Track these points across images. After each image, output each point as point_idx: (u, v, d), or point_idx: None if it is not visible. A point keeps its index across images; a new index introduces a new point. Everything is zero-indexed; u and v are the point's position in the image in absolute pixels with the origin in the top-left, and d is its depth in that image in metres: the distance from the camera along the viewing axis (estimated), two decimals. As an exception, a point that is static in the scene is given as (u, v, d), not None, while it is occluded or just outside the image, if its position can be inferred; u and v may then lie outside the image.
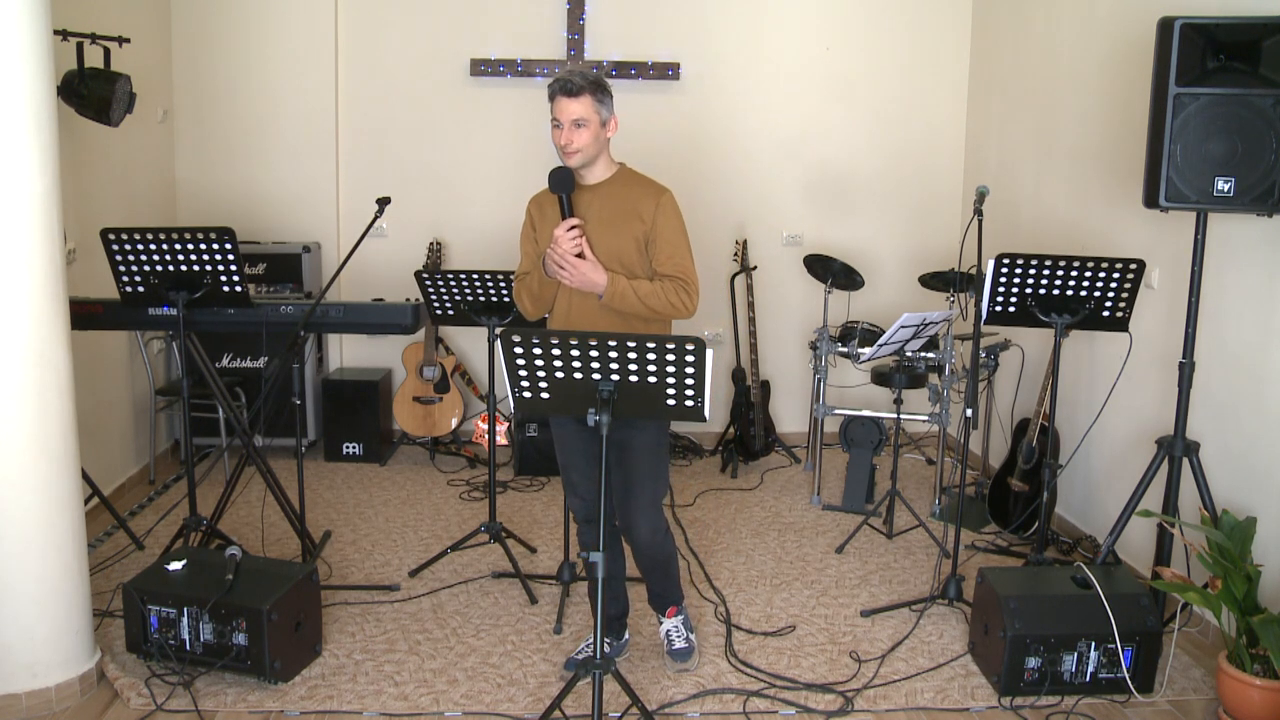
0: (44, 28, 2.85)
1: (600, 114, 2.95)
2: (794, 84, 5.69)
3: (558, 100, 2.92)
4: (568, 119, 2.91)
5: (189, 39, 5.43)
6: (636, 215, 2.98)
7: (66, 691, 3.02)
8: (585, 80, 2.92)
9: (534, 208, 3.16)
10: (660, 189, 3.03)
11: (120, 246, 3.49)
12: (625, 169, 3.09)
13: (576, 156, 2.95)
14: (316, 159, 5.58)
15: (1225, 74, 3.09)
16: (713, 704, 3.10)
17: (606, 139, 3.00)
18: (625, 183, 3.05)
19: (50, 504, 2.96)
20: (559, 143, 2.94)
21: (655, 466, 3.05)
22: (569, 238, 2.93)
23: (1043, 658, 3.09)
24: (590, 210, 3.01)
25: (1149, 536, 3.70)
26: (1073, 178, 4.57)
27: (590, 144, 2.94)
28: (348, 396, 5.40)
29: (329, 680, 3.18)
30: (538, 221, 3.13)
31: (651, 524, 3.06)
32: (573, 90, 2.90)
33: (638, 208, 2.99)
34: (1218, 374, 3.58)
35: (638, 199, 3.00)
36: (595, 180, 3.04)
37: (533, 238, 3.15)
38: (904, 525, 4.54)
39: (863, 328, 4.93)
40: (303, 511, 3.89)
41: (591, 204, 3.01)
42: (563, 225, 2.95)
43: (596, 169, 3.02)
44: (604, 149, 3.01)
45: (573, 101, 2.90)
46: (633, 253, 2.99)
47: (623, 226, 2.99)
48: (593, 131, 2.93)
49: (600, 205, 3.01)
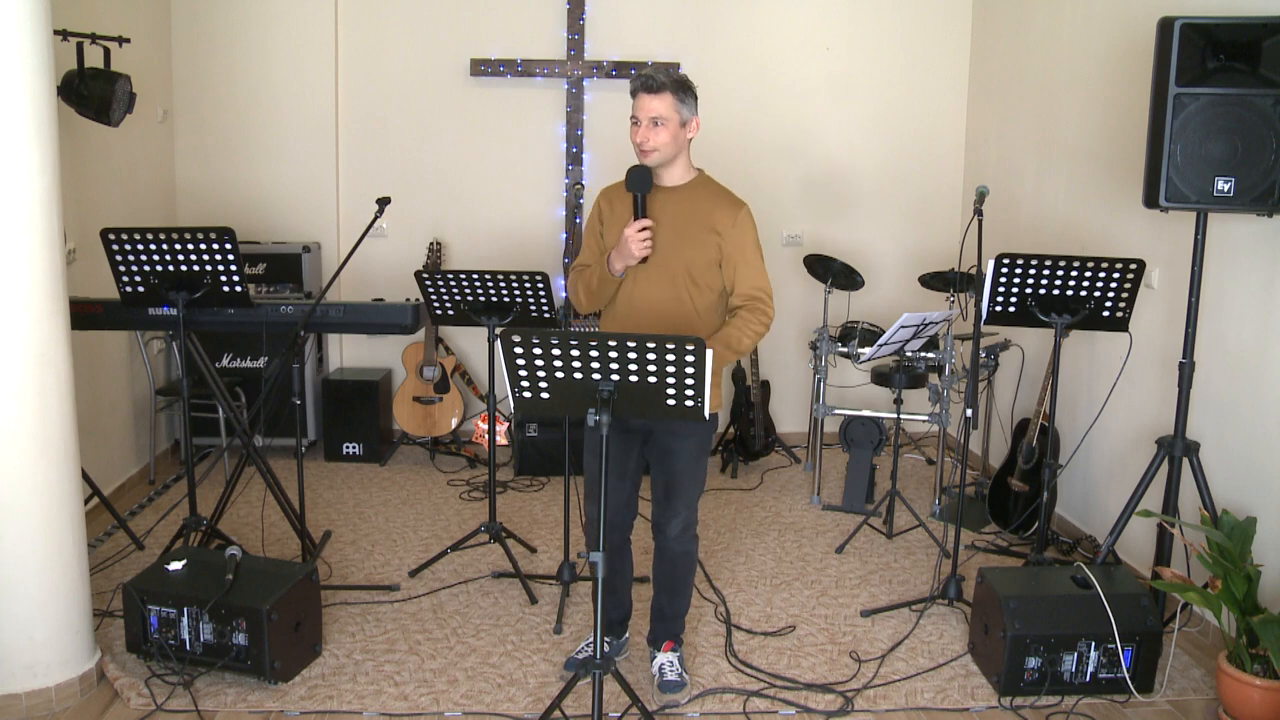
0: (44, 28, 2.85)
1: (681, 113, 2.89)
2: (794, 84, 5.69)
3: (639, 97, 2.87)
4: (646, 116, 2.86)
5: (189, 39, 5.43)
6: (712, 228, 2.92)
7: (66, 691, 3.01)
8: (668, 78, 2.87)
9: (604, 201, 3.10)
10: (738, 202, 2.97)
11: (120, 246, 3.49)
12: (704, 175, 3.04)
13: (654, 155, 2.90)
14: (316, 159, 5.58)
15: (1225, 74, 3.09)
16: (713, 704, 3.10)
17: (687, 140, 2.95)
18: (703, 190, 2.99)
19: (50, 504, 2.96)
20: (636, 140, 2.89)
21: (695, 472, 3.06)
22: (639, 240, 2.88)
23: (1043, 658, 3.09)
24: (664, 214, 2.95)
25: (1149, 536, 3.70)
26: (1073, 178, 4.57)
27: (669, 143, 2.89)
28: (348, 396, 5.40)
29: (329, 680, 3.18)
30: (606, 216, 3.07)
31: (685, 521, 3.07)
32: (654, 87, 2.85)
33: (713, 219, 2.93)
34: (1218, 374, 3.58)
35: (713, 210, 2.94)
36: (672, 183, 2.98)
37: (598, 231, 3.09)
38: (904, 525, 4.54)
39: (863, 328, 4.93)
40: (303, 511, 3.89)
41: (666, 207, 2.96)
42: (634, 225, 2.89)
43: (674, 171, 2.97)
44: (683, 150, 2.96)
45: (654, 98, 2.85)
46: (702, 265, 2.94)
47: (696, 237, 2.93)
48: (671, 131, 2.88)
49: (675, 210, 2.95)
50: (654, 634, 3.26)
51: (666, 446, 3.01)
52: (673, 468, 3.02)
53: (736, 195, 3.01)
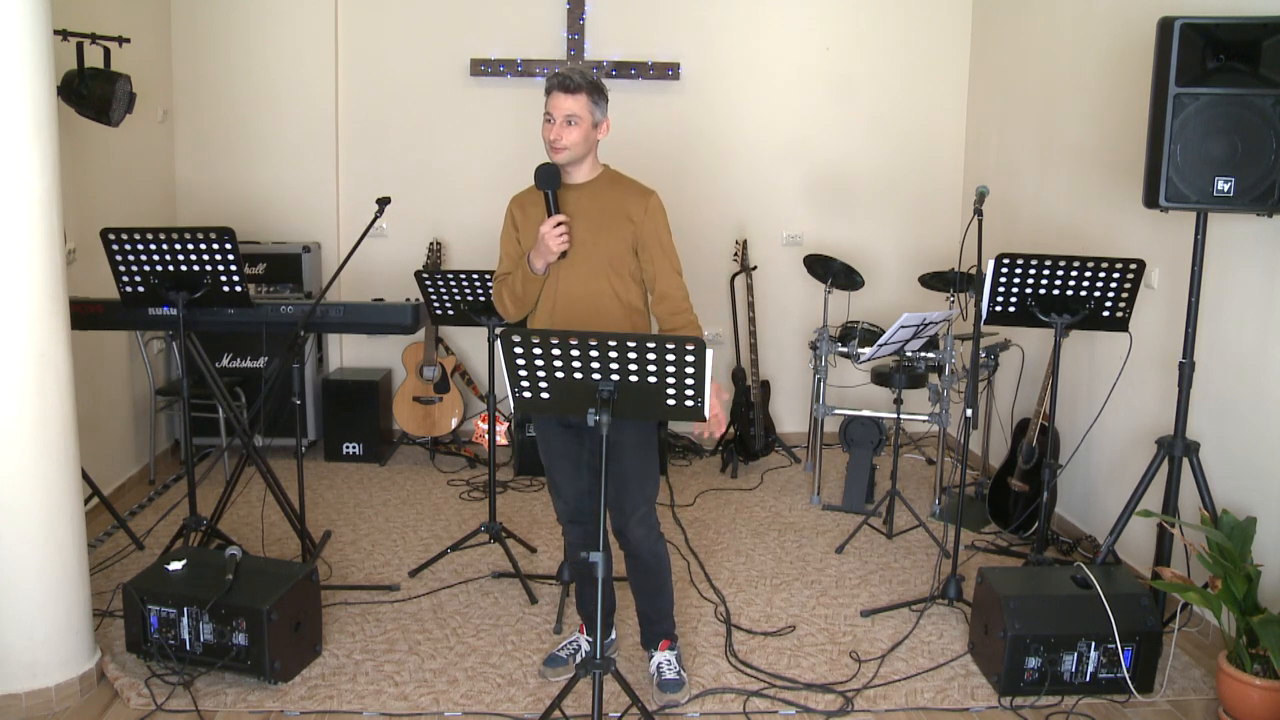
0: (44, 28, 2.85)
1: (594, 115, 2.94)
2: (794, 84, 5.69)
3: (553, 95, 2.92)
4: (561, 114, 2.91)
5: (189, 39, 5.43)
6: (626, 216, 2.98)
7: (66, 691, 3.01)
8: (584, 79, 2.92)
9: (515, 207, 3.13)
10: (647, 191, 3.03)
11: (120, 246, 3.49)
12: (610, 170, 3.08)
13: (564, 154, 2.94)
14: (316, 159, 5.58)
15: (1225, 74, 3.09)
16: (713, 704, 3.10)
17: (596, 140, 3.00)
18: (611, 183, 3.04)
19: (50, 504, 2.96)
20: (548, 138, 2.94)
21: (644, 465, 3.03)
22: (556, 234, 2.91)
23: (1043, 658, 3.09)
24: (577, 209, 3.00)
25: (1149, 536, 3.70)
26: (1073, 178, 4.57)
27: (580, 143, 2.93)
28: (348, 396, 5.40)
29: (329, 680, 3.18)
30: (520, 221, 3.10)
31: (645, 524, 3.04)
32: (570, 87, 2.90)
33: (626, 208, 2.98)
34: (1218, 374, 3.58)
35: (625, 199, 3.00)
36: (580, 180, 3.03)
37: (514, 238, 3.11)
38: (904, 525, 4.54)
39: (863, 328, 4.93)
40: (303, 511, 3.89)
41: (578, 203, 3.00)
42: (549, 222, 2.92)
43: (582, 169, 3.01)
44: (592, 150, 3.01)
45: (568, 98, 2.90)
46: (624, 254, 3.00)
47: (612, 227, 2.98)
48: (583, 131, 2.93)
49: (587, 204, 3.00)
50: (645, 637, 3.26)
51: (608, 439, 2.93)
52: (618, 461, 2.96)
53: (644, 184, 3.05)
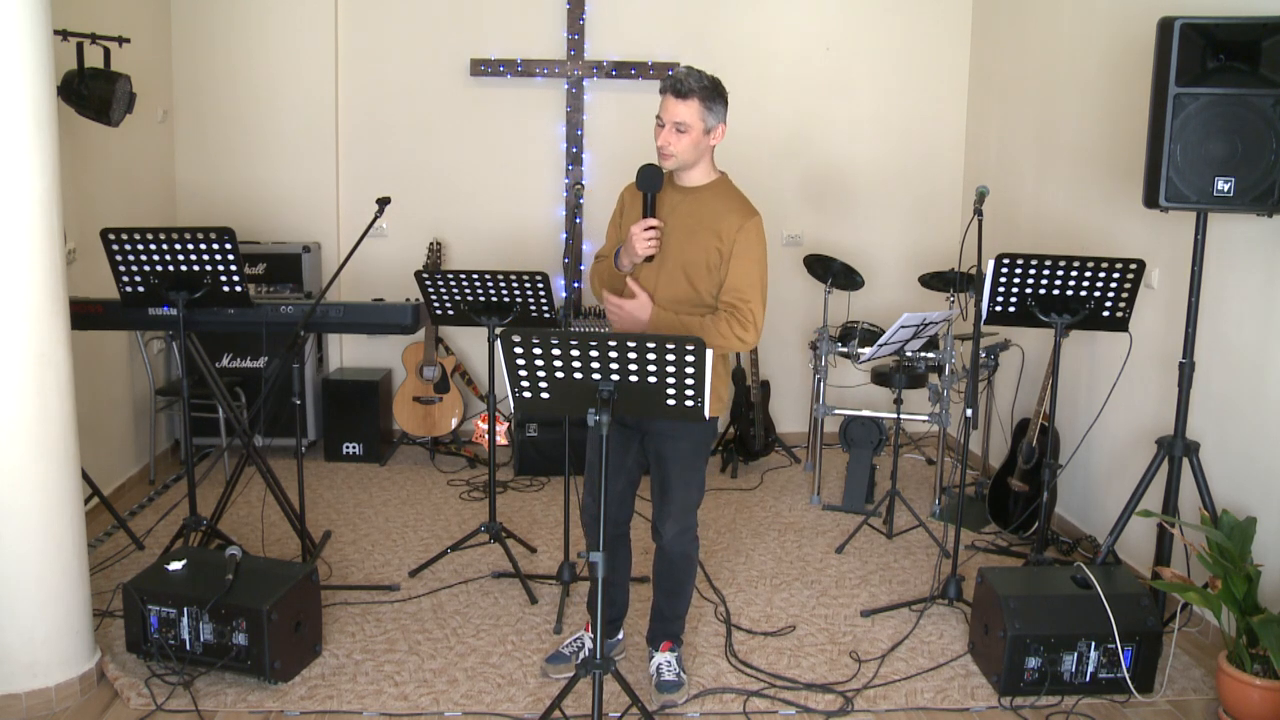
0: (44, 28, 2.85)
1: (706, 121, 2.84)
2: (794, 84, 5.69)
3: (665, 98, 2.83)
4: (670, 120, 2.82)
5: (189, 39, 5.43)
6: (716, 232, 2.87)
7: (66, 691, 3.01)
8: (697, 83, 2.81)
9: (627, 195, 3.09)
10: (749, 211, 2.91)
11: (120, 246, 3.49)
12: (724, 180, 2.99)
13: (671, 161, 2.87)
14: (316, 159, 5.58)
15: (1225, 74, 3.10)
16: (713, 704, 3.10)
17: (709, 146, 2.91)
18: (718, 195, 2.94)
19: (50, 504, 2.96)
20: (658, 143, 2.86)
21: (689, 475, 3.03)
22: (644, 238, 2.87)
23: (1043, 658, 3.09)
24: (676, 214, 2.92)
25: (1149, 536, 3.70)
26: (1073, 178, 4.57)
27: (688, 150, 2.85)
28: (348, 396, 5.40)
29: (329, 680, 3.18)
30: (626, 209, 3.07)
31: (680, 525, 3.04)
32: (681, 91, 2.80)
33: (719, 224, 2.87)
34: (1218, 374, 3.58)
35: (722, 215, 2.88)
36: (690, 184, 2.95)
37: (618, 223, 3.09)
38: (904, 525, 4.54)
39: (863, 328, 4.93)
40: (303, 511, 3.89)
41: (679, 207, 2.93)
42: (640, 224, 2.87)
43: (693, 173, 2.93)
44: (704, 156, 2.92)
45: (679, 104, 2.80)
46: (701, 269, 2.89)
47: (700, 239, 2.89)
48: (693, 138, 2.83)
49: (687, 211, 2.92)
50: (652, 634, 3.25)
51: (659, 450, 2.99)
52: (666, 471, 3.00)
53: (751, 204, 2.95)
